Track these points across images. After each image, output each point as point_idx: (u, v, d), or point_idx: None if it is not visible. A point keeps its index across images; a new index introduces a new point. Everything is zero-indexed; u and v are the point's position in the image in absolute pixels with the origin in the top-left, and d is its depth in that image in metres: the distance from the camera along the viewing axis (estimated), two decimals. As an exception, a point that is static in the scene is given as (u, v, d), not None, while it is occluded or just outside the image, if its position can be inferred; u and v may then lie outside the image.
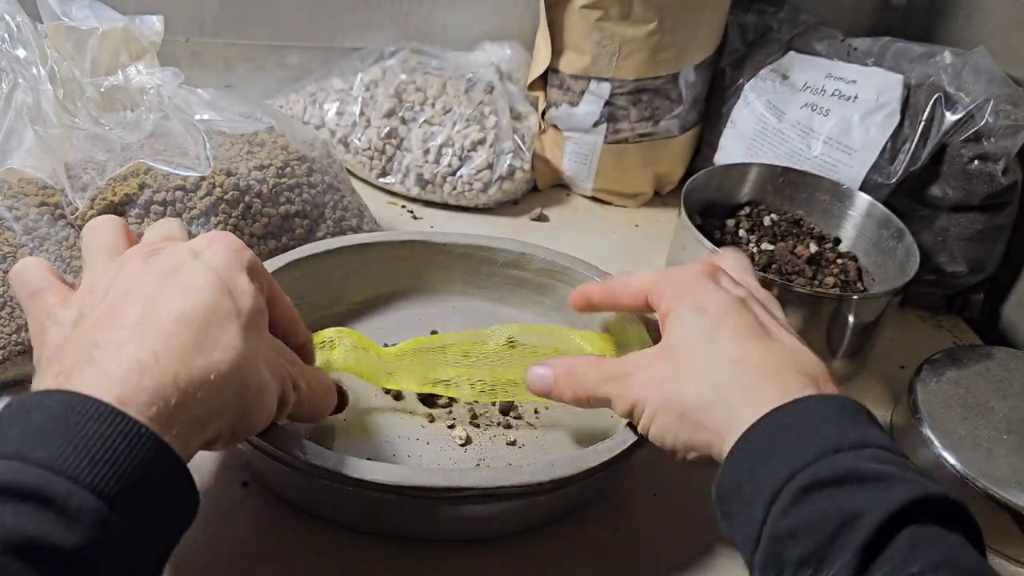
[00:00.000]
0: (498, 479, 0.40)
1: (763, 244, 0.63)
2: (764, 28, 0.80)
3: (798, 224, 0.66)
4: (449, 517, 0.43)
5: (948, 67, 0.68)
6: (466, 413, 0.49)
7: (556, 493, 0.42)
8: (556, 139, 0.80)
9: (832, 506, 0.28)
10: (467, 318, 0.56)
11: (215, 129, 0.58)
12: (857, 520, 0.27)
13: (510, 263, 0.57)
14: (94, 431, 0.26)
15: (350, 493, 0.40)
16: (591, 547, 0.46)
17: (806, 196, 0.68)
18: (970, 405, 0.54)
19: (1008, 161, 0.65)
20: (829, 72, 0.74)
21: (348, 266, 0.54)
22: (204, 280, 0.32)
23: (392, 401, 0.48)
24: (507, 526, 0.45)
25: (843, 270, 0.61)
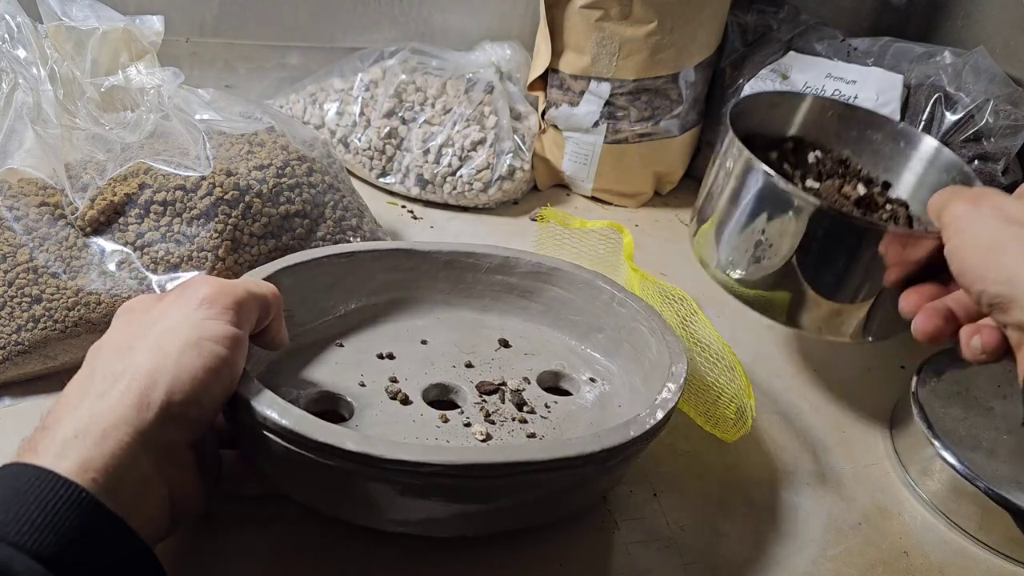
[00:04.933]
0: (554, 451, 0.40)
1: (808, 181, 0.58)
2: (764, 28, 0.81)
3: (844, 164, 0.61)
4: (496, 504, 0.42)
5: (948, 67, 0.69)
6: (478, 412, 0.49)
7: (605, 466, 0.42)
8: (556, 139, 0.80)
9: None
10: (453, 327, 0.55)
11: (215, 129, 0.58)
12: None
13: (495, 268, 0.56)
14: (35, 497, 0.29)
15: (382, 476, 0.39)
16: (591, 547, 0.46)
17: (856, 134, 0.61)
18: (970, 405, 0.54)
19: (1008, 161, 0.66)
20: (829, 72, 0.74)
21: (332, 276, 0.53)
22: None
23: (400, 406, 0.48)
24: (552, 509, 0.45)
25: (893, 216, 0.57)
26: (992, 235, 0.38)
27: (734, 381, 0.51)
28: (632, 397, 0.51)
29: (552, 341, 0.56)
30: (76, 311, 0.50)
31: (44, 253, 0.51)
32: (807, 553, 0.48)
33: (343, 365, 0.50)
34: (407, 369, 0.51)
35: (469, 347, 0.54)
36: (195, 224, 0.53)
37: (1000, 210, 0.38)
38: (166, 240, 0.52)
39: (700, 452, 0.54)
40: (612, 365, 0.54)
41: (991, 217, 0.38)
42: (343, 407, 0.48)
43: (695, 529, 0.48)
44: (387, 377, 0.50)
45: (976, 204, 0.39)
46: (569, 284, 0.56)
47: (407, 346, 0.53)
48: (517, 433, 0.48)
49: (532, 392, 0.51)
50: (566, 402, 0.51)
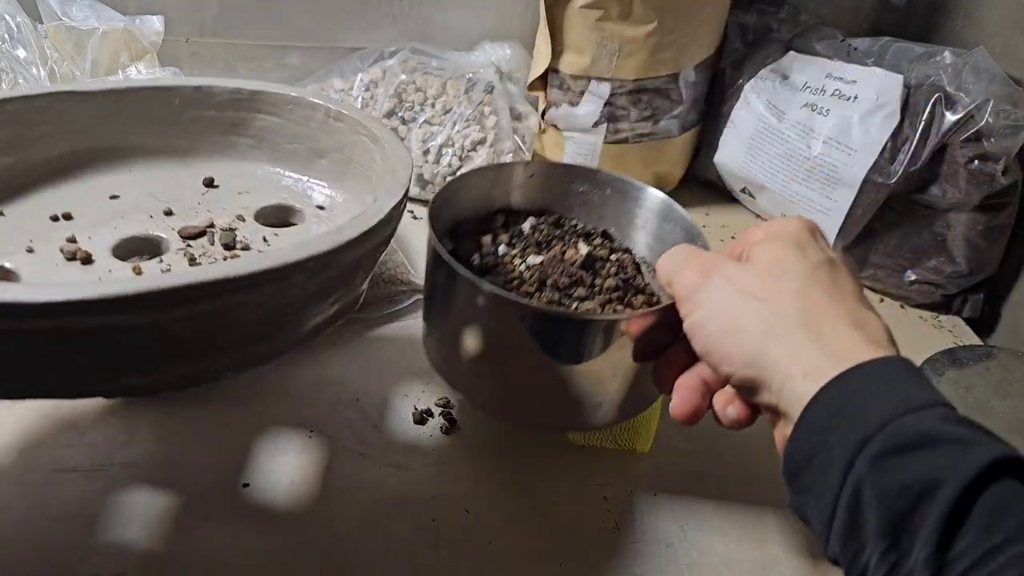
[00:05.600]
0: (252, 265, 0.33)
1: (529, 258, 0.53)
2: (764, 28, 0.80)
3: (559, 225, 0.57)
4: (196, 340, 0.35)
5: (948, 67, 0.68)
6: (182, 258, 0.44)
7: (322, 276, 0.38)
8: (556, 139, 0.80)
9: (908, 475, 0.28)
10: (150, 178, 0.48)
11: (215, 129, 0.57)
12: (936, 490, 0.27)
13: (188, 102, 0.49)
14: None
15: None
16: (591, 547, 0.46)
17: (562, 190, 0.58)
18: (970, 405, 0.54)
19: (1008, 161, 0.65)
20: (829, 72, 0.74)
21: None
22: None
23: (81, 266, 0.42)
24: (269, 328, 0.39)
25: (620, 267, 0.54)
26: (730, 313, 0.36)
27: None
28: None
29: (270, 176, 0.50)
30: (75, 311, 0.50)
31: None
32: (807, 554, 0.48)
33: (1, 233, 0.44)
34: (90, 228, 0.44)
35: (170, 196, 0.48)
36: (195, 224, 0.53)
37: (731, 281, 0.37)
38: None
39: (700, 452, 0.54)
40: (341, 190, 0.50)
41: (725, 291, 0.37)
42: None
43: (695, 529, 0.48)
44: (64, 238, 0.43)
45: (707, 276, 0.38)
46: (277, 108, 0.50)
47: (90, 204, 0.46)
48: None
49: (248, 228, 0.46)
50: (292, 233, 0.46)
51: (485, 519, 0.47)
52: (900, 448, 0.28)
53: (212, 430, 0.50)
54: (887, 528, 0.27)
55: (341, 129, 0.49)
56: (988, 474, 0.27)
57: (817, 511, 0.31)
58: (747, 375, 0.35)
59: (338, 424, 0.52)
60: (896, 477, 0.28)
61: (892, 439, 0.29)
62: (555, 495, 0.49)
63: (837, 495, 0.30)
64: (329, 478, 0.48)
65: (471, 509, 0.47)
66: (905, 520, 0.27)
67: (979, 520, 0.26)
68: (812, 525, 0.32)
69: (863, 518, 0.28)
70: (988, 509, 0.26)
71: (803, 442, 0.32)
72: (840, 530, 0.29)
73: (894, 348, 0.34)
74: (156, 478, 0.47)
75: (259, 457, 0.49)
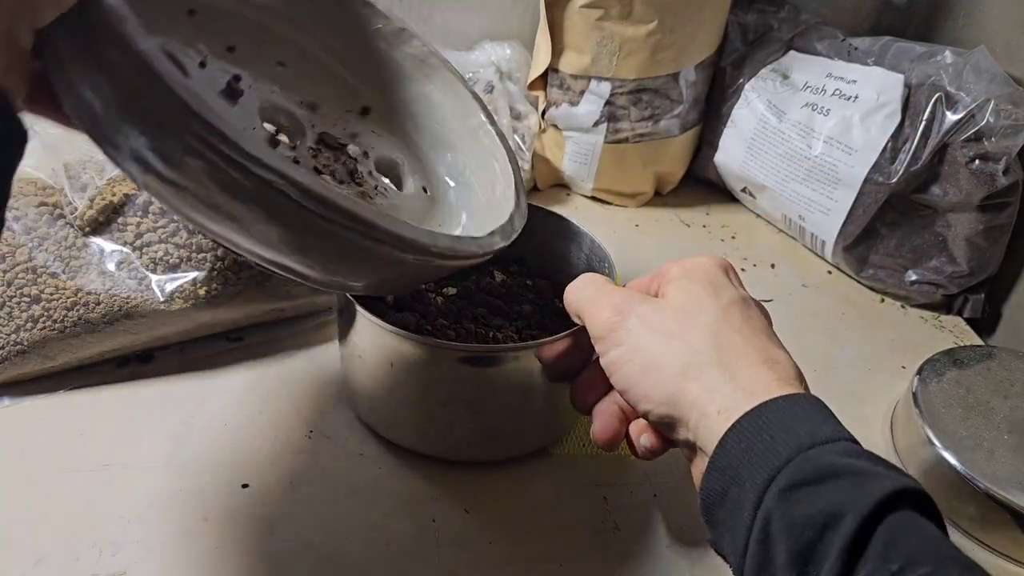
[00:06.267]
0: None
1: (445, 289, 0.53)
2: (764, 28, 0.80)
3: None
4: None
5: (949, 67, 0.68)
6: (309, 157, 0.44)
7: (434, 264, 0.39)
8: (556, 139, 0.80)
9: (813, 507, 0.29)
10: (318, 69, 0.49)
11: (215, 129, 0.57)
12: (838, 521, 0.28)
13: (386, 34, 0.50)
14: None
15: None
16: (591, 548, 0.46)
17: None
18: (971, 405, 0.54)
19: (1009, 161, 0.65)
20: (830, 72, 0.74)
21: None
22: None
23: (227, 105, 0.43)
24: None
25: (536, 293, 0.55)
26: (648, 352, 0.36)
27: None
28: (450, 225, 0.49)
29: (405, 139, 0.52)
30: (75, 311, 0.50)
31: (43, 253, 0.51)
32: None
33: (191, 33, 0.43)
34: (252, 79, 0.45)
35: (328, 98, 0.49)
36: (194, 224, 0.53)
37: (647, 321, 0.37)
38: (165, 240, 0.52)
39: (700, 452, 0.54)
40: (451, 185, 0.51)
41: (641, 330, 0.37)
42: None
43: (695, 530, 0.48)
44: (231, 72, 0.45)
45: (623, 314, 0.38)
46: (446, 89, 0.51)
47: (262, 58, 0.47)
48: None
49: (365, 167, 0.48)
50: (393, 194, 0.48)
51: (485, 519, 0.47)
52: (805, 481, 0.30)
53: (211, 430, 0.50)
54: (794, 559, 0.29)
55: (484, 145, 0.50)
56: (886, 504, 0.28)
57: (732, 546, 0.32)
58: (665, 413, 0.36)
59: (338, 424, 0.52)
60: (802, 510, 0.29)
61: (797, 473, 0.30)
62: (555, 495, 0.49)
63: (749, 528, 0.31)
64: (329, 478, 0.48)
65: (471, 509, 0.47)
66: (811, 551, 0.28)
67: (878, 548, 0.27)
68: (728, 561, 0.33)
69: (773, 551, 0.29)
70: (885, 538, 0.27)
71: (717, 477, 0.33)
72: (752, 563, 0.30)
73: (803, 385, 0.35)
74: (156, 478, 0.47)
75: (259, 457, 0.49)
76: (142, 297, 0.51)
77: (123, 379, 0.53)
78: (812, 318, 0.68)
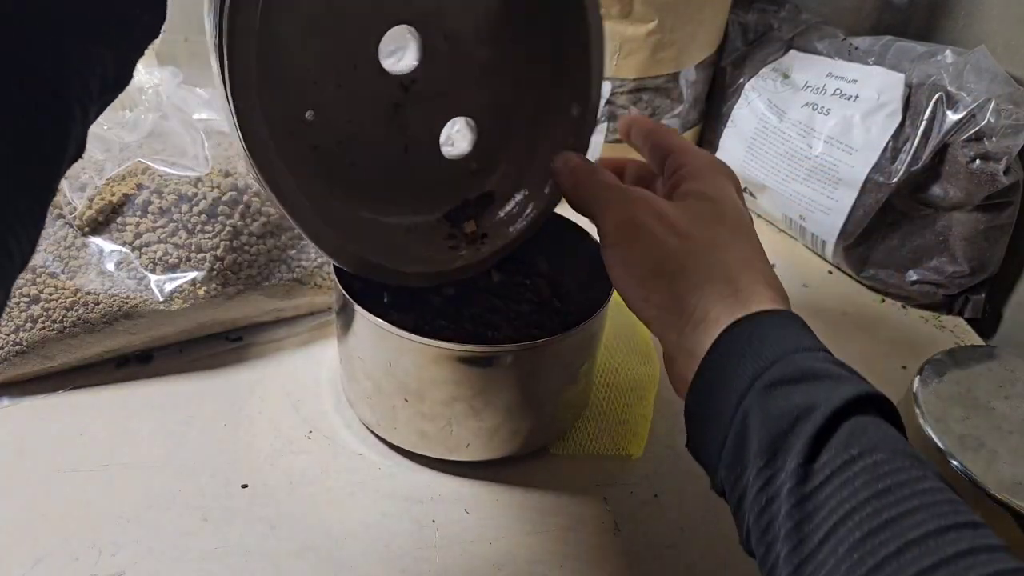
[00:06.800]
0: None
1: (443, 289, 0.53)
2: (765, 27, 0.80)
3: None
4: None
5: (949, 66, 0.68)
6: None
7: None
8: (556, 138, 0.80)
9: (790, 402, 0.31)
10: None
11: (214, 128, 0.57)
12: (810, 413, 0.31)
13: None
14: None
15: None
16: (591, 549, 0.46)
17: None
18: (972, 405, 0.54)
19: (1009, 161, 0.65)
20: (830, 71, 0.74)
21: None
22: None
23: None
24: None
25: (535, 291, 0.55)
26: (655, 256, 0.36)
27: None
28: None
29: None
30: (74, 311, 0.50)
31: (42, 252, 0.50)
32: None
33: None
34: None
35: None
36: (193, 224, 0.53)
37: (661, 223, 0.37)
38: (164, 240, 0.52)
39: (700, 453, 0.53)
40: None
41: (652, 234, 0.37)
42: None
43: (695, 530, 0.48)
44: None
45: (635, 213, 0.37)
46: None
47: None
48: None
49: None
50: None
51: (485, 519, 0.47)
52: (785, 380, 0.32)
53: (212, 430, 0.50)
54: (767, 447, 0.31)
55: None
56: (854, 404, 0.31)
57: (711, 440, 0.34)
58: (659, 316, 0.36)
59: (338, 424, 0.52)
60: (779, 404, 0.31)
61: (780, 373, 0.32)
62: (555, 495, 0.49)
63: (730, 422, 0.33)
64: (329, 478, 0.48)
65: (471, 509, 0.47)
66: (782, 439, 0.31)
67: (841, 438, 0.30)
68: (704, 458, 0.35)
69: (748, 441, 0.32)
70: (849, 430, 0.30)
71: (707, 376, 0.34)
72: (728, 454, 0.33)
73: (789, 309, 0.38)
74: (156, 478, 0.47)
75: (259, 457, 0.49)
76: (141, 297, 0.51)
77: (122, 379, 0.53)
78: (812, 318, 0.68)
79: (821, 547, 0.28)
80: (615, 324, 0.62)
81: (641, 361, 0.60)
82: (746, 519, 0.32)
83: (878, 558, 0.27)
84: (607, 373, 0.58)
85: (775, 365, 0.32)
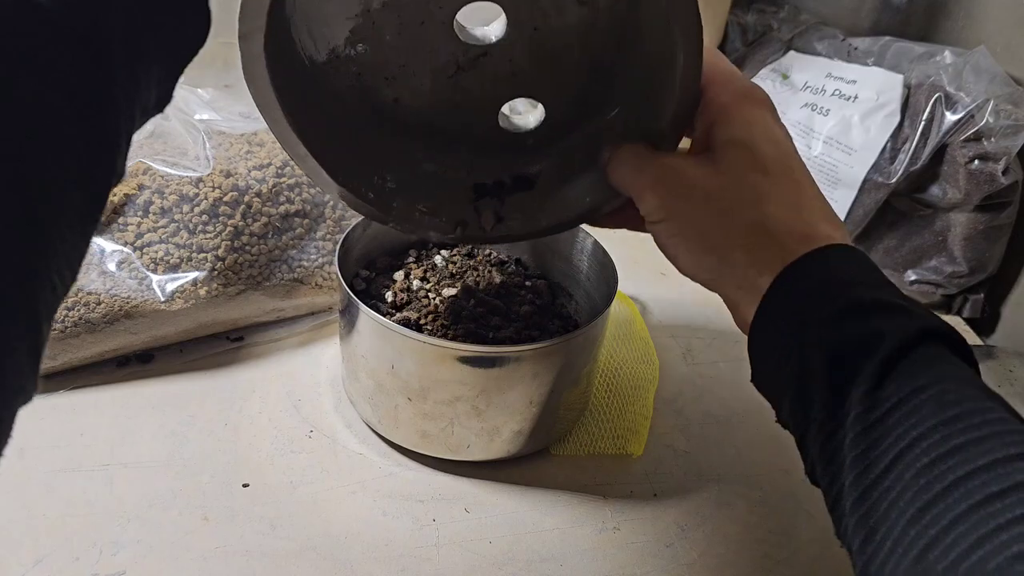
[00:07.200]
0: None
1: (444, 291, 0.54)
2: (764, 28, 0.80)
3: (471, 255, 0.58)
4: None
5: (948, 67, 0.68)
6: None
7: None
8: (556, 139, 0.80)
9: (858, 332, 0.31)
10: None
11: (215, 129, 0.58)
12: (879, 342, 0.30)
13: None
14: None
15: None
16: (591, 548, 0.46)
17: None
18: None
19: (1008, 161, 0.65)
20: (829, 72, 0.74)
21: None
22: None
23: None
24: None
25: (535, 293, 0.55)
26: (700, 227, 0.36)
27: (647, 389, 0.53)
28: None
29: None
30: (76, 311, 0.50)
31: (43, 253, 0.50)
32: (808, 553, 0.48)
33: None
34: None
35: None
36: (195, 224, 0.53)
37: (701, 197, 0.36)
38: (166, 240, 0.52)
39: (700, 452, 0.54)
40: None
41: (690, 205, 0.36)
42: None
43: (695, 530, 0.48)
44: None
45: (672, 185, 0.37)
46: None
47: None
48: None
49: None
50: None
51: (485, 518, 0.47)
52: (854, 311, 0.32)
53: (211, 430, 0.50)
54: (834, 376, 0.31)
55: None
56: (923, 336, 0.31)
57: (776, 371, 0.34)
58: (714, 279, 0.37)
59: (338, 424, 0.52)
60: (848, 333, 0.31)
61: (846, 303, 0.32)
62: (555, 495, 0.49)
63: (796, 352, 0.32)
64: (329, 478, 0.48)
65: (471, 509, 0.47)
66: (849, 368, 0.31)
67: (909, 368, 0.30)
68: (769, 390, 0.35)
69: (814, 370, 0.32)
70: (917, 360, 0.30)
71: (771, 308, 0.34)
72: (793, 384, 0.32)
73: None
74: (156, 478, 0.47)
75: (259, 457, 0.49)
76: (142, 297, 0.51)
77: (124, 379, 0.53)
78: (812, 318, 0.68)
79: (887, 473, 0.28)
80: (615, 324, 0.62)
81: (641, 361, 0.60)
82: (811, 449, 0.32)
83: (945, 483, 0.26)
84: (607, 373, 0.58)
85: (841, 296, 0.32)
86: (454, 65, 0.43)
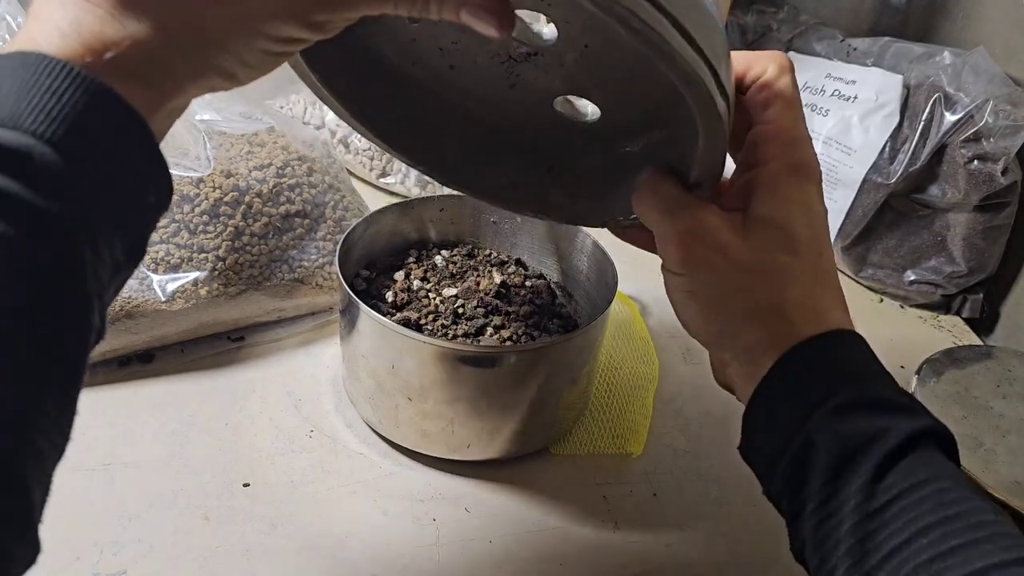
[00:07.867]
0: None
1: (444, 291, 0.54)
2: (764, 28, 0.81)
3: (471, 255, 0.59)
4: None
5: (947, 67, 0.69)
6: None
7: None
8: (556, 139, 0.80)
9: (863, 425, 0.32)
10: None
11: (215, 129, 0.58)
12: (883, 436, 0.31)
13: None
14: (37, 83, 0.25)
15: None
16: (591, 547, 0.46)
17: (473, 221, 0.60)
18: (970, 405, 0.54)
19: (1007, 161, 0.66)
20: (829, 72, 0.74)
21: None
22: None
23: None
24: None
25: (535, 293, 0.56)
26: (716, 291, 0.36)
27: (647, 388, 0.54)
28: None
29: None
30: (76, 311, 0.50)
31: (44, 253, 0.51)
32: (807, 553, 0.48)
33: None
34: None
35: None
36: (196, 224, 0.53)
37: (722, 255, 0.35)
38: (166, 240, 0.52)
39: (700, 452, 0.54)
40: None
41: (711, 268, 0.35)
42: None
43: (695, 530, 0.48)
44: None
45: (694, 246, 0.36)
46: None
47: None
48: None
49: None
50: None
51: (486, 518, 0.47)
52: (859, 404, 0.32)
53: (212, 430, 0.50)
54: (834, 463, 0.31)
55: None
56: (923, 436, 0.31)
57: (770, 450, 0.34)
58: (718, 343, 0.37)
59: (338, 424, 0.52)
60: (853, 425, 0.32)
61: (852, 396, 0.33)
62: (555, 494, 0.49)
63: (795, 436, 0.33)
64: (329, 478, 0.48)
65: (472, 508, 0.48)
66: (851, 458, 0.31)
67: (909, 463, 0.31)
68: (758, 465, 0.35)
69: (814, 456, 0.32)
70: (916, 457, 0.31)
71: (772, 389, 0.34)
72: (789, 466, 0.33)
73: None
74: (158, 477, 0.47)
75: (260, 457, 0.49)
76: (143, 297, 0.51)
77: (124, 379, 0.53)
78: (811, 318, 0.68)
79: (885, 563, 0.29)
80: (615, 324, 0.62)
81: (641, 361, 0.60)
82: (803, 529, 0.32)
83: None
84: (607, 373, 0.58)
85: (846, 388, 0.33)
86: (506, 54, 0.42)
